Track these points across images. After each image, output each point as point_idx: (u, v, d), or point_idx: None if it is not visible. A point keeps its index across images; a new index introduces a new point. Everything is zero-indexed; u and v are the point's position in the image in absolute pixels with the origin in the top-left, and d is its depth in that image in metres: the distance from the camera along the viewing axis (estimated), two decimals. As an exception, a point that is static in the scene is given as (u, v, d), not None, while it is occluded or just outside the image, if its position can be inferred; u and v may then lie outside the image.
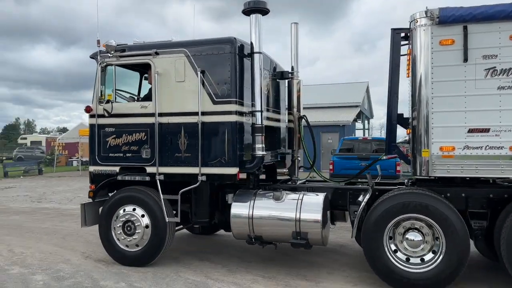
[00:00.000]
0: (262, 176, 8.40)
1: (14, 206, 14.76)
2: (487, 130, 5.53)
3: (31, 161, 34.59)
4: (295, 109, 8.42)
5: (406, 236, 5.86)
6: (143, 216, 6.87)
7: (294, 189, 6.99)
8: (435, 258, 5.72)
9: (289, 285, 6.16)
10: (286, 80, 8.49)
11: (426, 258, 5.79)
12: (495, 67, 5.50)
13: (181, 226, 7.71)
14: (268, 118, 7.82)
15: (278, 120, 8.34)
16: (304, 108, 8.54)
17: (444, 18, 5.61)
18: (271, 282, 6.27)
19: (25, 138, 55.06)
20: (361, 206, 6.18)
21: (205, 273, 6.67)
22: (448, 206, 5.67)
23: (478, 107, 5.56)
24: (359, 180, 7.90)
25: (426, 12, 5.71)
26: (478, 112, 5.56)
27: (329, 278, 6.42)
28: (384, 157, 6.85)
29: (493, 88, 5.50)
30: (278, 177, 8.34)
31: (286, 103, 8.64)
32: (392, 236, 5.95)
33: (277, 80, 8.37)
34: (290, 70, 8.38)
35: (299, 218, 6.28)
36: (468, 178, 5.99)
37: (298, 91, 8.43)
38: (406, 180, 6.86)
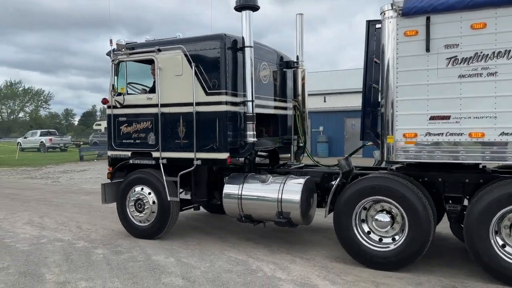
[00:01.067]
0: (267, 161, 9.02)
1: (86, 187, 16.18)
2: (448, 117, 5.69)
3: (105, 145, 37.09)
4: (300, 97, 8.90)
5: (376, 216, 6.24)
6: (152, 197, 7.77)
7: (288, 173, 7.51)
8: (397, 240, 6.09)
9: (326, 266, 6.37)
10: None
11: (385, 240, 6.19)
12: (456, 56, 5.62)
13: (188, 206, 8.50)
14: (274, 107, 8.38)
15: (284, 108, 8.84)
16: (354, 92, 8.80)
17: (407, 10, 5.79)
18: (308, 263, 6.52)
19: (100, 124, 57.21)
20: (332, 189, 6.62)
21: (247, 252, 7.11)
22: (410, 190, 5.93)
23: (439, 95, 5.72)
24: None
25: (392, 5, 5.93)
26: (440, 100, 5.72)
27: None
28: (368, 144, 7.15)
29: (454, 77, 5.63)
30: (281, 162, 8.87)
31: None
32: (366, 207, 6.32)
33: (283, 69, 8.86)
34: (295, 60, 8.83)
35: (281, 199, 6.83)
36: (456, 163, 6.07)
37: (303, 79, 8.88)
38: (388, 165, 7.12)
